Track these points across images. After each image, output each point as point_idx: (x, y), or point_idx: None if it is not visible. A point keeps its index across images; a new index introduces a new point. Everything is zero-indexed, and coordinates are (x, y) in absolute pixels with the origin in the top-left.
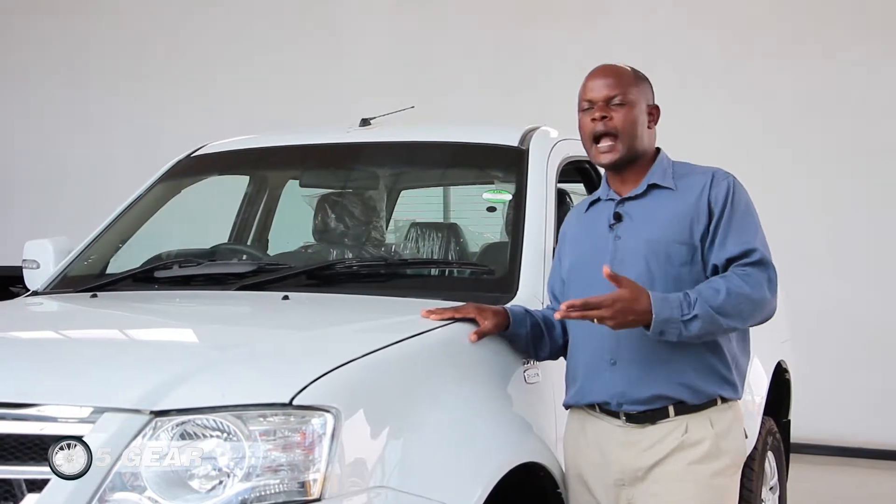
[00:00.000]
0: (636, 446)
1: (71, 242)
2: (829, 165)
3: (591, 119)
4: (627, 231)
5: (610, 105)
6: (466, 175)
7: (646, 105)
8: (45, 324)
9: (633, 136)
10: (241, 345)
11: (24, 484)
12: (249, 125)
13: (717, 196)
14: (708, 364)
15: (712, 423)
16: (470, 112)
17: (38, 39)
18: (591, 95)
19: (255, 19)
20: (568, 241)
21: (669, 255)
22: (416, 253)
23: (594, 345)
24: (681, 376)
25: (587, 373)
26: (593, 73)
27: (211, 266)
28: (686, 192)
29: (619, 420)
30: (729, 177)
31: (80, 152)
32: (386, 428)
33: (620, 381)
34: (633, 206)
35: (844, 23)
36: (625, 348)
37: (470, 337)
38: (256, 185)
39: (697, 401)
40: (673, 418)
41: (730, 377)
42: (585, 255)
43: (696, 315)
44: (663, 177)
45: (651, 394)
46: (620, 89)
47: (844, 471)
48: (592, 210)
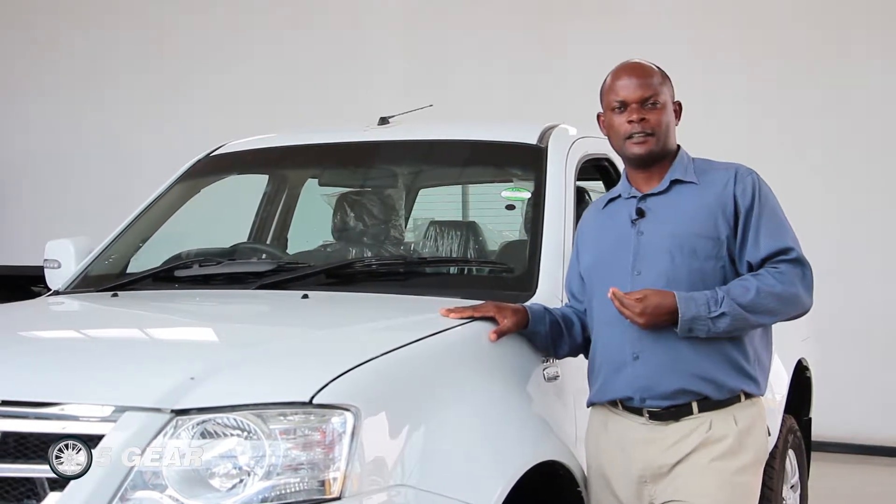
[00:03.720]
0: (659, 444)
1: (92, 242)
2: (845, 165)
3: (627, 120)
4: (650, 226)
5: (644, 106)
6: (485, 173)
7: (671, 103)
8: (67, 323)
9: (667, 134)
10: (261, 344)
11: (46, 482)
12: (268, 124)
13: (744, 193)
14: (730, 358)
15: (736, 420)
16: (488, 110)
17: (57, 41)
18: (624, 95)
19: (275, 19)
20: (586, 239)
21: (694, 248)
22: (435, 251)
23: (616, 340)
24: (703, 370)
25: (609, 368)
26: (623, 72)
27: (231, 265)
28: (709, 186)
29: (642, 418)
30: (752, 173)
31: (100, 152)
32: (405, 426)
33: (643, 376)
34: (655, 201)
35: (862, 25)
36: (647, 342)
37: (489, 336)
38: (275, 185)
39: (720, 395)
40: (696, 415)
41: (752, 372)
42: (606, 251)
43: (724, 312)
44: (685, 172)
45: (674, 388)
46: (654, 90)
47: (866, 469)
48: (611, 207)
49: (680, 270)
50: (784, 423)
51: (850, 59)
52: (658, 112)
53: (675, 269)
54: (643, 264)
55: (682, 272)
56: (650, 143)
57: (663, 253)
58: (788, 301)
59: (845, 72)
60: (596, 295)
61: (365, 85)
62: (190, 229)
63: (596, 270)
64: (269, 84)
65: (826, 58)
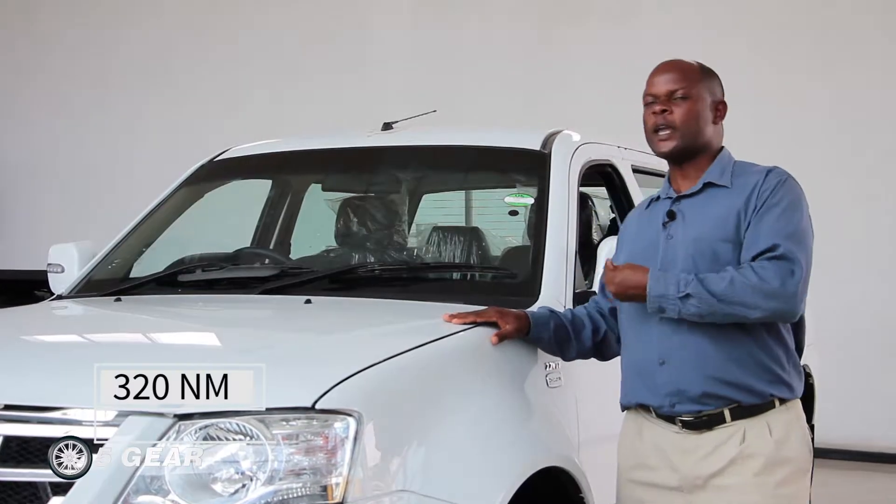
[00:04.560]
0: (694, 453)
1: (95, 246)
2: (849, 170)
3: (652, 112)
4: (679, 230)
5: (672, 99)
6: (488, 179)
7: (711, 100)
8: (70, 328)
9: (694, 130)
10: (264, 348)
11: (48, 487)
12: (272, 129)
13: (764, 193)
14: (759, 362)
15: (771, 430)
16: (492, 116)
17: (59, 45)
18: (653, 90)
19: (279, 24)
20: (625, 239)
21: (716, 253)
22: (439, 257)
23: (643, 346)
24: (731, 375)
25: (637, 373)
26: (658, 69)
27: (234, 270)
28: (740, 190)
29: (675, 426)
30: (782, 174)
31: (104, 156)
32: (408, 432)
33: (670, 381)
34: (687, 204)
35: (872, 29)
36: (673, 347)
37: (491, 339)
38: (279, 189)
39: (752, 401)
40: (730, 423)
41: (784, 376)
42: (637, 253)
43: (689, 294)
44: (720, 175)
45: (701, 392)
46: (683, 84)
47: (869, 476)
48: (652, 208)
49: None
50: None
51: (859, 63)
52: (685, 106)
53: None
54: (667, 268)
55: None
56: (674, 138)
57: (686, 257)
58: (766, 296)
59: (854, 76)
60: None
61: (369, 90)
62: (193, 234)
63: None
64: (272, 89)
65: (834, 62)
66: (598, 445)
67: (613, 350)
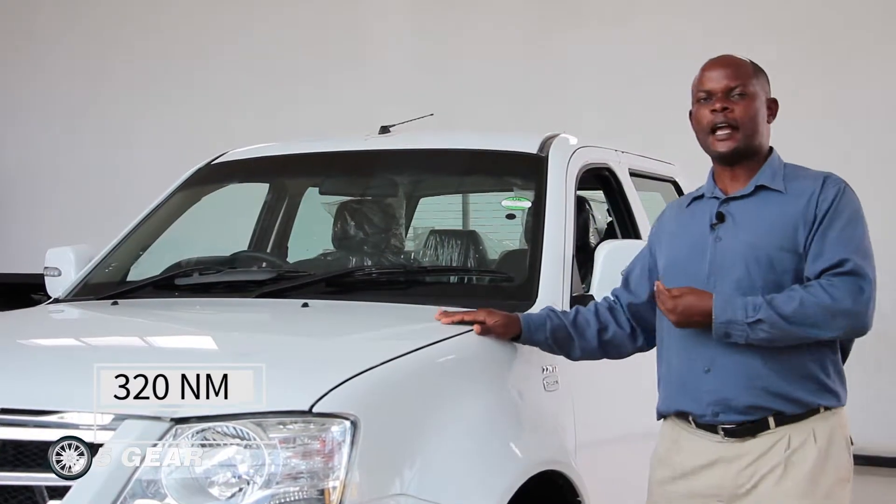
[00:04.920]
0: (737, 462)
1: (92, 250)
2: (849, 173)
3: (710, 110)
4: (729, 233)
5: (730, 96)
6: (485, 182)
7: (765, 98)
8: (66, 331)
9: (754, 129)
10: (261, 352)
11: (45, 491)
12: (269, 133)
13: (823, 202)
14: (808, 373)
15: (815, 437)
16: (489, 119)
17: (56, 48)
18: (709, 86)
19: (277, 28)
20: (664, 237)
21: (772, 261)
22: (436, 260)
23: (688, 351)
24: (778, 387)
25: (679, 380)
26: (711, 64)
27: (231, 273)
28: (795, 196)
29: (717, 436)
30: (840, 183)
31: (101, 160)
32: (405, 435)
33: (715, 391)
34: (737, 206)
35: (865, 27)
36: (721, 356)
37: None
38: (276, 193)
39: (797, 410)
40: (774, 430)
41: (831, 385)
42: (682, 253)
43: (760, 319)
44: (773, 178)
45: (748, 404)
46: (741, 80)
47: (868, 480)
48: (694, 206)
49: (756, 282)
50: None
51: (856, 64)
52: (745, 103)
53: (750, 280)
54: (718, 272)
55: (758, 284)
56: (735, 138)
57: (739, 262)
58: (837, 315)
59: (851, 76)
60: None
61: (366, 93)
62: (190, 238)
63: (670, 272)
64: (270, 92)
65: (832, 63)
66: (596, 449)
67: (625, 349)
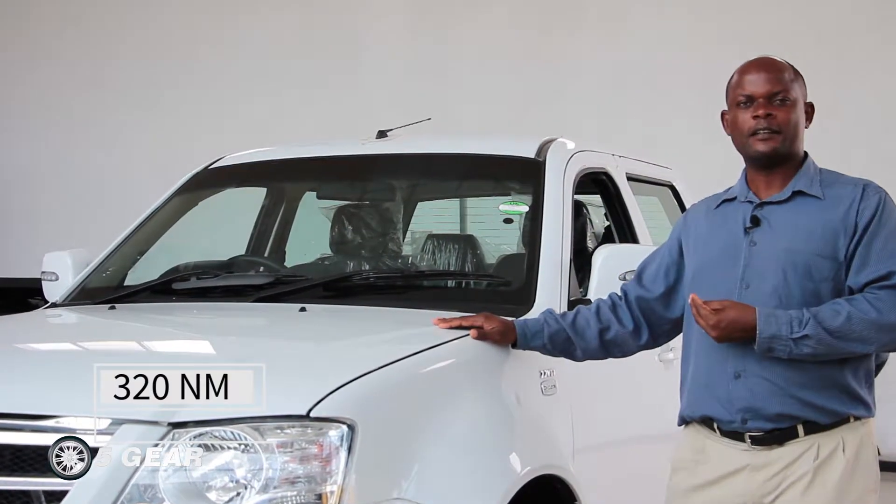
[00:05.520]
0: (764, 470)
1: (89, 254)
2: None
3: (752, 116)
4: (765, 238)
5: (772, 102)
6: (483, 187)
7: (804, 103)
8: (63, 336)
9: (795, 136)
10: (259, 356)
11: (42, 495)
12: (266, 137)
13: (865, 211)
14: (840, 383)
15: (844, 447)
16: (487, 123)
17: (56, 54)
18: (751, 90)
19: (274, 32)
20: (693, 238)
21: (809, 268)
22: (433, 265)
23: (717, 355)
24: (810, 396)
25: (705, 384)
26: (752, 66)
27: (228, 278)
28: (834, 203)
29: (743, 444)
30: (881, 191)
31: (99, 164)
32: (402, 440)
33: (745, 398)
34: (773, 211)
35: (860, 31)
36: (752, 361)
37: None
38: (273, 197)
39: (827, 420)
40: (803, 438)
41: (863, 395)
42: (715, 256)
43: (807, 335)
44: (810, 184)
45: (777, 412)
46: (783, 85)
47: None
48: (725, 208)
49: (793, 289)
50: None
51: (854, 64)
52: (787, 109)
53: (787, 287)
54: (753, 278)
55: (795, 291)
56: (776, 140)
57: (776, 268)
58: (884, 329)
59: (849, 77)
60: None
61: (363, 98)
62: (188, 242)
63: (701, 276)
64: (267, 96)
65: (828, 64)
66: (593, 453)
67: (629, 347)
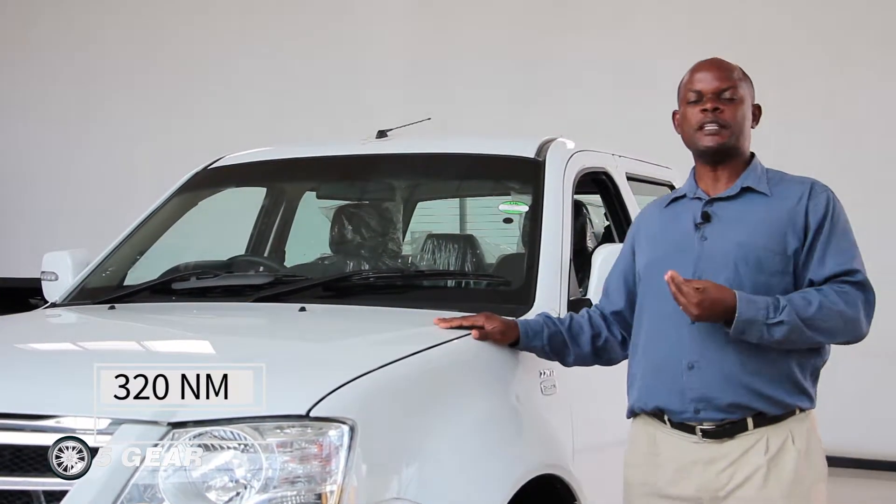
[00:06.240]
0: (717, 464)
1: (89, 254)
2: (846, 175)
3: (700, 110)
4: (716, 233)
5: (720, 98)
6: (483, 186)
7: (750, 103)
8: (64, 336)
9: (741, 132)
10: (259, 356)
11: (42, 496)
12: (266, 137)
13: (816, 209)
14: (789, 374)
15: (793, 439)
16: (487, 123)
17: (55, 54)
18: (700, 86)
19: (274, 31)
20: (645, 238)
21: (760, 261)
22: (433, 264)
23: (671, 346)
24: (761, 386)
25: (657, 375)
26: (702, 65)
27: (228, 278)
28: (781, 199)
29: (694, 436)
30: (827, 190)
31: (98, 164)
32: (403, 439)
33: (697, 387)
34: (723, 207)
35: (862, 33)
36: (706, 352)
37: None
38: (273, 197)
39: (776, 411)
40: (752, 431)
41: (807, 386)
42: (667, 253)
43: (782, 321)
44: (758, 181)
45: (729, 401)
46: (731, 83)
47: (866, 483)
48: (675, 206)
49: (745, 282)
50: None
51: (853, 65)
52: (734, 106)
53: (739, 280)
54: (705, 272)
55: (746, 284)
56: (723, 135)
57: (728, 262)
58: (848, 322)
59: (848, 78)
60: (649, 296)
61: (364, 97)
62: (187, 242)
63: (653, 272)
64: (267, 96)
65: (828, 64)
66: (593, 453)
67: (616, 355)
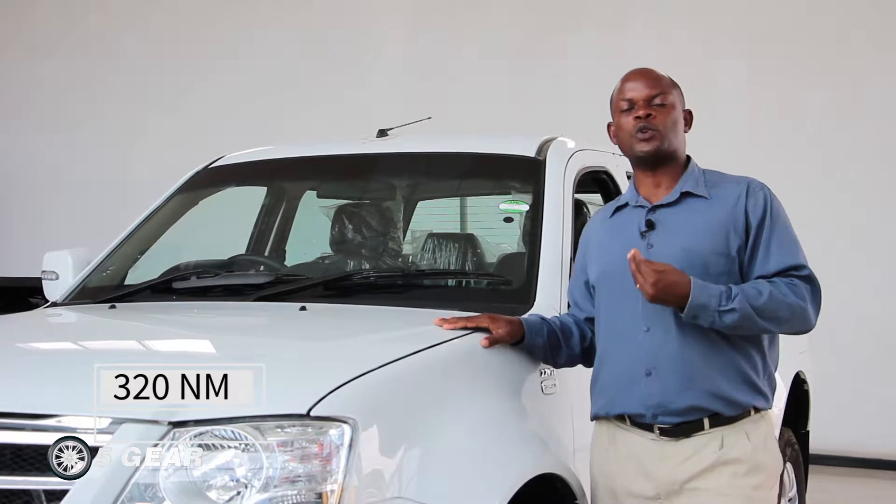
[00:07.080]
0: (671, 460)
1: (90, 254)
2: (843, 176)
3: (633, 118)
4: (661, 239)
5: (651, 104)
6: (483, 186)
7: (681, 109)
8: (64, 335)
9: (674, 136)
10: (259, 355)
11: (43, 495)
12: (267, 137)
13: (755, 208)
14: (743, 374)
15: (748, 436)
16: (487, 122)
17: (55, 52)
18: (631, 95)
19: (273, 30)
20: (593, 248)
21: (707, 264)
22: (434, 264)
23: (629, 355)
24: (717, 387)
25: (619, 383)
26: (631, 75)
27: (229, 277)
28: (720, 201)
29: (652, 434)
30: (764, 188)
31: (99, 164)
32: (403, 439)
33: (656, 393)
34: (665, 213)
35: (863, 26)
36: (662, 358)
37: (481, 342)
38: (274, 196)
39: (732, 412)
40: (708, 430)
41: (761, 386)
42: (615, 262)
43: (733, 308)
44: (696, 185)
45: (687, 405)
46: (661, 89)
47: (864, 482)
48: (619, 216)
49: None
50: (782, 436)
51: (852, 67)
52: (665, 111)
53: None
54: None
55: None
56: (657, 139)
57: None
58: (796, 313)
59: (847, 78)
60: (604, 306)
61: (364, 96)
62: (188, 241)
63: (605, 282)
64: (268, 96)
65: (827, 66)
66: None
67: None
